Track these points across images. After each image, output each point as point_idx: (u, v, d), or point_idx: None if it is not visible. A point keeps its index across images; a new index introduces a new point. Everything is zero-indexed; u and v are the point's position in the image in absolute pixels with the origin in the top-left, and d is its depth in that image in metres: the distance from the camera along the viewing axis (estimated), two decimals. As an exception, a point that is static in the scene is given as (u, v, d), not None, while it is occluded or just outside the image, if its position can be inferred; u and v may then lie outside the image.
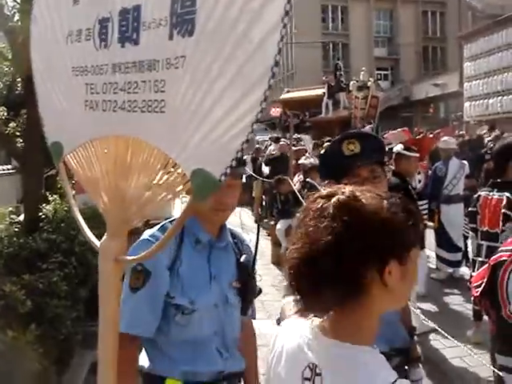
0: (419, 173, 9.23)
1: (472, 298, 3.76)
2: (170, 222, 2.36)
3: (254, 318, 2.70)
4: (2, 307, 3.47)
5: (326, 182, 2.74)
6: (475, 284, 3.41)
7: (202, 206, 2.22)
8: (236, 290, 2.40)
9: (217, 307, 2.32)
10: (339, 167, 2.58)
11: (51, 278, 4.35)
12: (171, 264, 2.27)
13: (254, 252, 2.53)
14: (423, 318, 5.48)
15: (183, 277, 2.27)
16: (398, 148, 7.25)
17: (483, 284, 3.27)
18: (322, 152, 2.70)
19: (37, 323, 3.66)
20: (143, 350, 2.36)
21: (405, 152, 7.01)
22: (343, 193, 1.40)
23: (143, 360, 2.34)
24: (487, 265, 3.31)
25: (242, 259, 2.44)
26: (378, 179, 2.56)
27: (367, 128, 16.87)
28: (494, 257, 3.25)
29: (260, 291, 2.53)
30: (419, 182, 9.09)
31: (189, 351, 2.28)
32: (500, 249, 3.31)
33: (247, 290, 2.43)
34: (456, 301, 7.80)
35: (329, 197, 1.41)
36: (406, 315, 2.81)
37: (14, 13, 6.10)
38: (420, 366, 2.73)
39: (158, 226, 2.37)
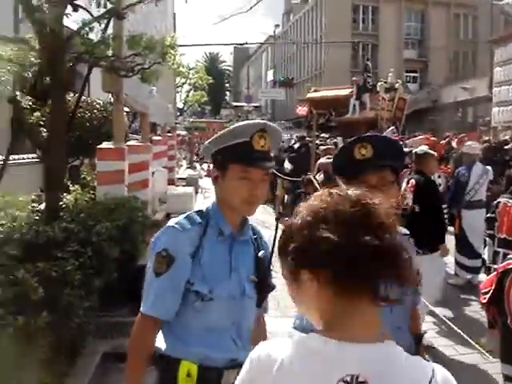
0: (439, 176, 9.18)
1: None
2: (196, 212, 2.45)
3: (266, 313, 2.76)
4: (13, 293, 3.52)
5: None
6: (484, 290, 3.37)
7: (234, 198, 2.35)
8: (253, 284, 2.45)
9: (234, 298, 2.37)
10: (349, 171, 2.57)
11: (65, 266, 4.39)
12: (194, 252, 2.32)
13: (271, 248, 2.55)
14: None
15: (204, 265, 2.33)
16: (424, 148, 7.40)
17: (491, 291, 3.24)
18: (334, 154, 2.67)
19: (48, 311, 3.70)
20: (160, 333, 2.40)
21: (430, 151, 7.18)
22: None
23: (160, 342, 2.38)
24: (495, 272, 3.28)
25: (260, 254, 2.49)
26: (388, 187, 2.50)
27: (389, 130, 16.75)
28: (502, 264, 3.21)
29: (274, 287, 2.54)
30: (439, 185, 9.03)
31: (205, 337, 2.33)
32: (509, 256, 3.27)
33: (264, 284, 2.47)
34: (473, 308, 7.70)
35: None
36: (414, 321, 2.81)
37: (41, 3, 6.16)
38: None
39: (184, 215, 2.43)
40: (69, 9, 6.60)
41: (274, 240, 2.44)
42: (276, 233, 2.46)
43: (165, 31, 14.25)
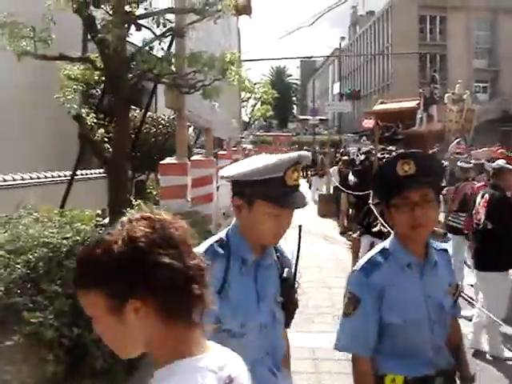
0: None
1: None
2: (217, 241, 2.31)
3: (289, 328, 2.63)
4: (69, 306, 3.62)
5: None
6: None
7: (260, 231, 2.25)
8: (280, 305, 2.39)
9: (266, 327, 2.31)
10: (391, 187, 2.54)
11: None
12: (220, 288, 2.20)
13: (295, 263, 2.51)
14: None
15: (232, 300, 2.22)
16: (500, 162, 7.16)
17: None
18: (378, 169, 2.63)
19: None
20: None
21: (507, 166, 6.92)
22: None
23: None
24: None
25: (284, 274, 2.42)
26: (430, 204, 2.47)
27: (455, 141, 16.41)
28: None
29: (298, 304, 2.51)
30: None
31: None
32: None
33: (291, 303, 2.43)
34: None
35: None
36: (456, 335, 2.77)
37: (105, 25, 6.37)
38: None
39: (204, 246, 2.29)
40: (132, 28, 6.81)
41: (298, 252, 2.47)
42: (299, 245, 2.44)
43: (228, 47, 14.44)
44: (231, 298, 2.21)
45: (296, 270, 2.47)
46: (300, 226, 2.41)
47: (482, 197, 6.92)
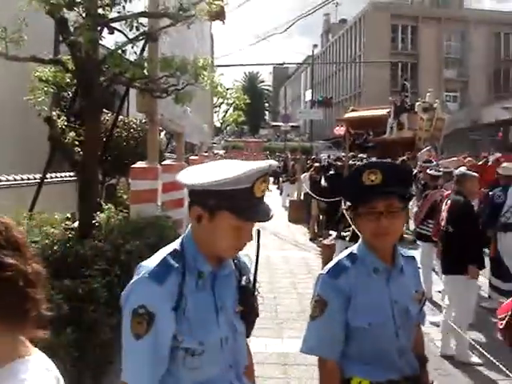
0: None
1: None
2: (170, 253, 2.12)
3: (249, 337, 2.46)
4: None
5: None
6: (500, 316, 3.32)
7: (220, 244, 2.09)
8: (239, 315, 2.26)
9: (227, 341, 2.17)
10: (356, 195, 2.59)
11: (92, 284, 4.47)
12: (176, 305, 2.04)
13: (254, 269, 2.35)
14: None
15: (190, 316, 2.06)
16: (462, 169, 7.32)
17: (507, 317, 3.19)
18: (344, 177, 2.66)
19: (73, 328, 3.76)
20: None
21: (470, 173, 7.08)
22: None
23: None
24: None
25: (243, 282, 2.29)
26: (395, 214, 2.50)
27: (425, 149, 16.64)
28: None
29: (258, 314, 2.37)
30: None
31: None
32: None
33: (250, 311, 2.30)
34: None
35: None
36: (418, 343, 2.81)
37: (77, 27, 6.32)
38: None
39: (157, 258, 2.11)
40: (104, 31, 6.77)
41: (257, 258, 2.30)
42: (258, 251, 2.33)
43: (201, 52, 14.44)
44: (188, 315, 2.07)
45: (255, 276, 2.33)
46: (258, 231, 2.24)
47: (446, 203, 7.07)
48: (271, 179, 39.36)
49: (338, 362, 2.56)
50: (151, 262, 2.09)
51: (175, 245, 2.18)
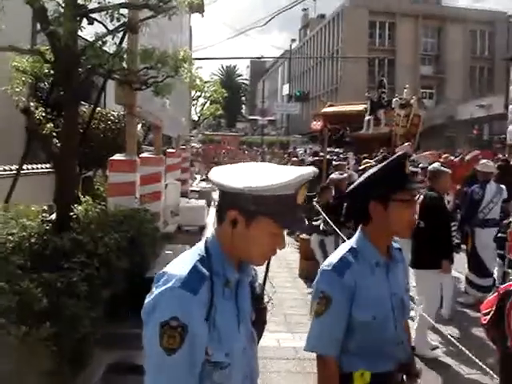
0: (448, 194, 9.15)
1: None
2: (199, 260, 1.97)
3: None
4: (16, 303, 3.55)
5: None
6: (484, 311, 3.35)
7: (254, 250, 1.98)
8: (252, 322, 2.17)
9: (245, 350, 2.07)
10: (398, 183, 2.64)
11: (71, 277, 4.43)
12: (207, 315, 1.89)
13: (264, 276, 2.26)
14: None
15: (219, 327, 1.93)
16: (436, 165, 7.40)
17: (491, 312, 3.22)
18: (382, 166, 2.68)
19: (52, 321, 3.73)
20: None
21: (442, 169, 7.15)
22: None
23: None
24: (496, 293, 3.26)
25: (257, 290, 2.22)
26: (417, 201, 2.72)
27: (406, 145, 16.72)
28: (504, 285, 3.20)
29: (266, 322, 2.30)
30: (448, 202, 9.00)
31: None
32: (511, 277, 3.26)
33: (261, 319, 2.22)
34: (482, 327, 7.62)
35: None
36: (407, 332, 2.91)
37: (56, 17, 6.24)
38: (418, 381, 2.81)
39: (185, 265, 1.95)
40: (84, 22, 6.69)
41: (268, 263, 2.14)
42: (269, 259, 2.24)
43: (180, 44, 14.35)
44: (218, 325, 1.93)
45: (265, 283, 2.26)
46: (287, 234, 2.18)
47: (418, 198, 7.15)
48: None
49: (337, 358, 2.59)
50: (180, 270, 1.92)
51: (199, 251, 2.03)
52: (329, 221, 9.20)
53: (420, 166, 10.57)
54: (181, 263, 1.97)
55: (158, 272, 1.96)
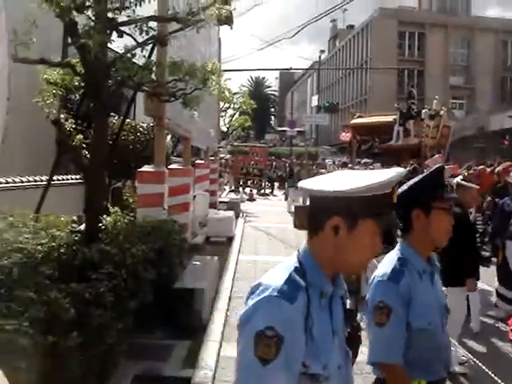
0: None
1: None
2: (295, 270, 1.92)
3: None
4: (44, 313, 3.58)
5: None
6: (512, 327, 3.31)
7: (359, 256, 1.93)
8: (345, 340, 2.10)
9: (340, 368, 1.97)
10: (439, 192, 2.82)
11: (99, 288, 4.46)
12: (305, 325, 1.83)
13: (359, 289, 2.32)
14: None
15: (316, 338, 1.86)
16: (458, 179, 7.30)
17: None
18: (423, 176, 2.87)
19: (79, 331, 3.76)
20: None
21: (465, 183, 7.04)
22: None
23: None
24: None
25: (347, 305, 2.12)
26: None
27: (436, 157, 16.56)
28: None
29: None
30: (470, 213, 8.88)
31: None
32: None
33: (356, 336, 2.15)
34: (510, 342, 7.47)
35: None
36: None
37: (87, 30, 6.33)
38: None
39: (281, 275, 1.89)
40: (114, 35, 6.78)
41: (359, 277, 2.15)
42: (365, 272, 2.30)
43: (209, 56, 14.45)
44: (314, 336, 1.86)
45: (359, 295, 2.26)
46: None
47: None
48: (276, 184, 39.36)
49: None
50: (275, 280, 1.86)
51: (292, 261, 1.97)
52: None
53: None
54: (275, 274, 1.92)
55: (252, 284, 1.90)
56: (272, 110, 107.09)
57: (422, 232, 2.76)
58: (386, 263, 2.77)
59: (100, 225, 6.76)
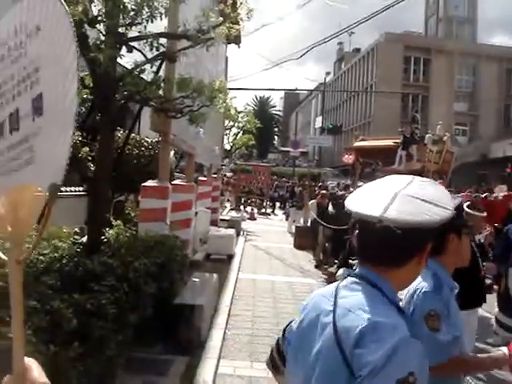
0: (480, 233, 9.01)
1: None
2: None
3: None
4: (47, 322, 3.59)
5: None
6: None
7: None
8: None
9: None
10: (464, 219, 3.18)
11: (100, 300, 4.47)
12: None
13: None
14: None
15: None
16: (465, 206, 7.29)
17: None
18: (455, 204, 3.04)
19: (80, 342, 3.76)
20: None
21: (469, 211, 7.02)
22: None
23: None
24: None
25: None
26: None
27: (437, 182, 16.58)
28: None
29: None
30: (479, 241, 8.86)
31: None
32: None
33: None
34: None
35: None
36: None
37: (97, 44, 6.39)
38: None
39: (392, 313, 1.77)
40: (123, 50, 6.84)
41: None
42: None
43: (216, 74, 14.55)
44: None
45: None
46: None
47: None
48: (277, 204, 39.37)
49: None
50: (388, 316, 1.72)
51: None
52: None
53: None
54: (376, 309, 1.74)
55: (362, 324, 1.68)
56: (276, 129, 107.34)
57: (454, 254, 3.04)
58: (424, 279, 2.96)
59: (102, 237, 6.78)
